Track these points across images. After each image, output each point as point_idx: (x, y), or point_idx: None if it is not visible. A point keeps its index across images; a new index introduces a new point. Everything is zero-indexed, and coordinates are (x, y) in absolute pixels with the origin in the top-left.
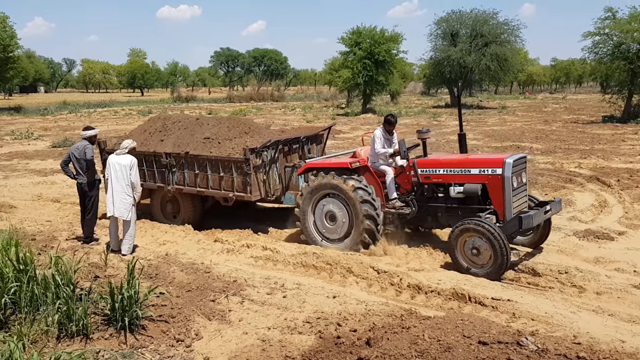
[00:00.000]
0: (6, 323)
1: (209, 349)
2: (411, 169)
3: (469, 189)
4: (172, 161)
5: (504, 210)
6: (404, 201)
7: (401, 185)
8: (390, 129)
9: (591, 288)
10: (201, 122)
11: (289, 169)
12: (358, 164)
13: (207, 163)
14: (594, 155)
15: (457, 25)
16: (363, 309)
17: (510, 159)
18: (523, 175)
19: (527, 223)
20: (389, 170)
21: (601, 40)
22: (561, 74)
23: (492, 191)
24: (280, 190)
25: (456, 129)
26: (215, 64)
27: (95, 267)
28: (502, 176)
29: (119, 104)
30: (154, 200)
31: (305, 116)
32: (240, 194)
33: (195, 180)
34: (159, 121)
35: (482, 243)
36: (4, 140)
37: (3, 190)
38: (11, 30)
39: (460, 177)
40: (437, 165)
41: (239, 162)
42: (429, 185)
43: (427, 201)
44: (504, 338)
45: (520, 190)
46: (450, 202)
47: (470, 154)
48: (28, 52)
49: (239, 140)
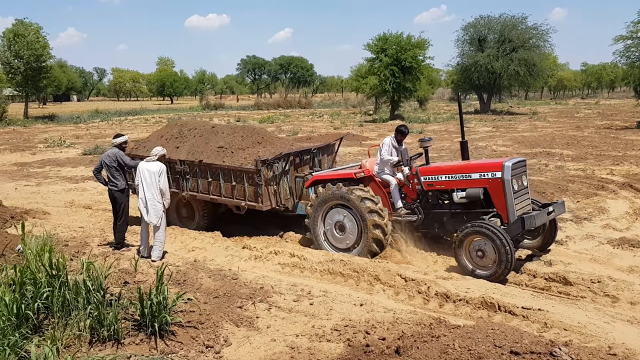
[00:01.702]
0: (40, 327)
1: (238, 355)
2: (415, 177)
3: (471, 193)
4: (186, 168)
5: (507, 213)
6: (410, 209)
7: (407, 194)
8: (400, 138)
9: (625, 298)
10: (216, 131)
11: (300, 179)
12: (362, 174)
13: (220, 172)
14: (626, 162)
15: (485, 31)
16: (391, 317)
17: (509, 162)
18: (524, 178)
19: (529, 223)
20: (392, 179)
21: (633, 44)
22: (592, 79)
23: (494, 194)
24: (290, 200)
25: (485, 136)
26: (242, 72)
27: (125, 273)
28: (502, 179)
29: (149, 112)
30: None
31: (332, 123)
32: (251, 203)
33: (208, 188)
34: (176, 127)
35: (487, 246)
36: (38, 148)
37: (36, 196)
38: (44, 41)
39: (462, 183)
40: (439, 172)
41: (250, 173)
42: (433, 192)
43: (432, 208)
44: (536, 348)
45: (522, 193)
46: (454, 207)
47: (471, 160)
48: (60, 61)
49: (252, 150)
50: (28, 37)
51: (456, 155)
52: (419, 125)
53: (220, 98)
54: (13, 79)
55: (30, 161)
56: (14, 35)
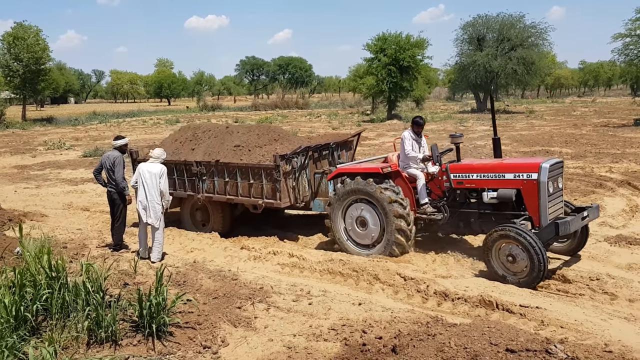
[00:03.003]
0: (38, 329)
1: (235, 355)
2: (444, 174)
3: (503, 194)
4: (203, 169)
5: (539, 217)
6: (436, 207)
7: (432, 191)
8: (418, 130)
9: (623, 295)
10: (231, 131)
11: (318, 175)
12: (389, 169)
13: (237, 170)
14: (625, 159)
15: (484, 30)
16: (389, 316)
17: (547, 163)
18: (559, 181)
19: (564, 229)
20: (420, 175)
21: (632, 42)
22: (590, 77)
23: (527, 196)
24: (309, 196)
25: (483, 135)
26: (241, 73)
27: (125, 275)
28: (538, 181)
29: (147, 114)
30: (184, 208)
31: (330, 123)
32: (269, 200)
33: (225, 188)
34: (190, 130)
35: (518, 250)
36: (38, 150)
37: (35, 199)
38: (44, 43)
39: (494, 182)
40: (470, 170)
41: (268, 169)
42: (462, 191)
43: (459, 207)
44: (532, 346)
45: (556, 195)
46: (483, 207)
47: (504, 158)
48: (59, 64)
49: (269, 147)
50: (28, 40)
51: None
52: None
53: (217, 99)
54: (11, 81)
55: (30, 164)
56: (14, 39)
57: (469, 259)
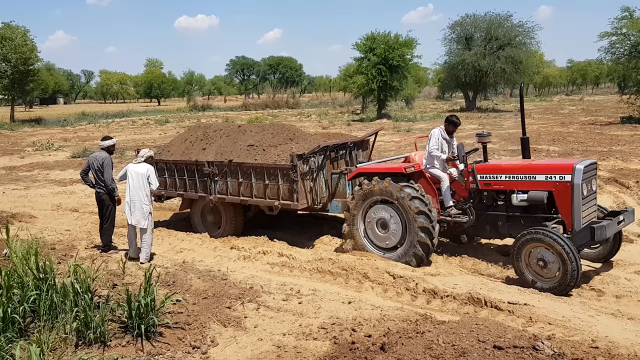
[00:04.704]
0: (26, 331)
1: (224, 355)
2: (469, 174)
3: (533, 196)
4: (215, 170)
5: (573, 220)
6: (461, 209)
7: (456, 192)
8: (452, 130)
9: (610, 291)
10: (244, 130)
11: (336, 175)
12: (412, 169)
13: (252, 171)
14: (612, 157)
15: (472, 29)
16: (378, 314)
17: (581, 164)
18: (593, 183)
19: (600, 234)
20: (444, 176)
21: (618, 40)
22: (577, 76)
23: (560, 199)
24: (326, 198)
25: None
26: (231, 73)
27: (114, 275)
28: (572, 183)
29: (136, 114)
30: (195, 210)
31: (320, 122)
32: (286, 202)
33: (238, 189)
34: (200, 130)
35: (550, 255)
36: (26, 151)
37: (23, 200)
38: (32, 44)
39: (524, 184)
40: (498, 171)
41: (285, 169)
42: (489, 192)
43: (486, 209)
44: (519, 342)
45: (590, 198)
46: (512, 210)
47: (534, 159)
48: (48, 64)
49: (285, 146)
50: (15, 40)
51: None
52: (406, 124)
53: (208, 99)
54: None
55: (18, 165)
56: (1, 39)
57: (458, 257)
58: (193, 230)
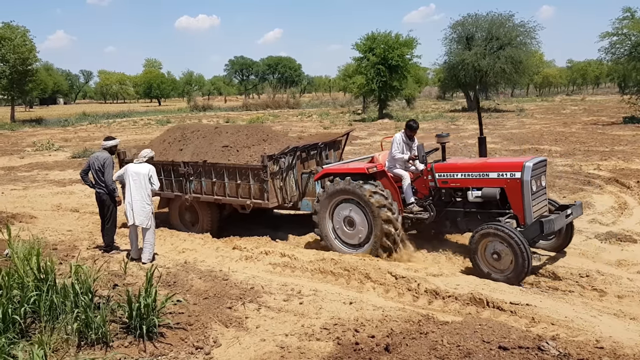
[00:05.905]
0: (27, 332)
1: (227, 356)
2: (429, 173)
3: (487, 193)
4: (190, 170)
5: (524, 215)
6: (422, 206)
7: (419, 190)
8: (411, 134)
9: (612, 291)
10: (220, 131)
11: (306, 175)
12: (375, 169)
13: (225, 171)
14: (614, 157)
15: (473, 29)
16: (380, 314)
17: (530, 162)
18: (542, 179)
19: (548, 227)
20: (405, 174)
21: (619, 41)
22: (577, 76)
23: (511, 195)
24: (297, 196)
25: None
26: (230, 73)
27: (115, 276)
28: (521, 180)
29: (137, 114)
30: (172, 209)
31: (322, 122)
32: (257, 201)
33: (212, 189)
34: (178, 131)
35: (503, 248)
36: (26, 151)
37: (23, 200)
38: (31, 44)
39: (479, 182)
40: (454, 170)
41: (256, 169)
42: (447, 190)
43: (445, 206)
44: (524, 343)
45: (540, 194)
46: (468, 206)
47: (489, 158)
48: (46, 64)
49: (257, 147)
50: (15, 40)
51: (452, 152)
52: None
53: (208, 99)
54: None
55: (18, 165)
56: (0, 39)
57: (461, 257)
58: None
